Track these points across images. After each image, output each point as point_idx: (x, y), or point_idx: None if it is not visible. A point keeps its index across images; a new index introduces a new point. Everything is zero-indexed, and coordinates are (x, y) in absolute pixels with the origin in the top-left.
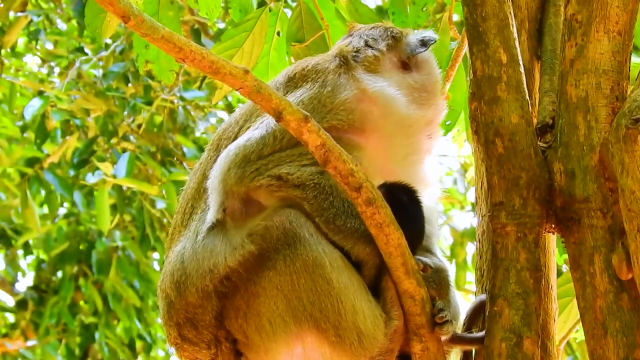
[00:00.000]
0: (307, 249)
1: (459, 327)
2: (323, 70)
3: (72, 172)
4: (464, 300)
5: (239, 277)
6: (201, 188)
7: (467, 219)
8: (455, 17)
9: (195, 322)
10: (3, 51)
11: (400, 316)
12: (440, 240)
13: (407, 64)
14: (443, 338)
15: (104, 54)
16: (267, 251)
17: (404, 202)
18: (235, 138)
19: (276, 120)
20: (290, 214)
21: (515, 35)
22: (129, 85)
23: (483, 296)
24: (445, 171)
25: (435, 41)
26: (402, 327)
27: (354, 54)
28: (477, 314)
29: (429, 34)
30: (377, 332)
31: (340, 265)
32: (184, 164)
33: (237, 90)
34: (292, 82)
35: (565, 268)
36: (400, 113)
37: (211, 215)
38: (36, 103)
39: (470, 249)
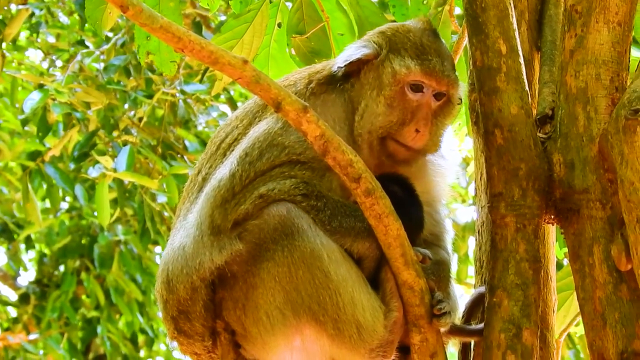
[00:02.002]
0: (304, 240)
1: (457, 319)
2: None
3: (72, 166)
4: (465, 293)
5: (237, 269)
6: (186, 193)
7: (469, 213)
8: (457, 11)
9: (188, 314)
10: (4, 44)
11: (399, 307)
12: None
13: (347, 76)
14: (442, 329)
15: (105, 47)
16: (265, 241)
17: (396, 192)
18: (219, 146)
19: (275, 111)
20: (287, 204)
21: (515, 26)
22: (130, 78)
23: (482, 289)
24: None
25: (355, 59)
26: (401, 319)
27: (315, 74)
28: (476, 307)
29: (354, 52)
30: (376, 324)
31: (338, 258)
32: (185, 157)
33: (236, 80)
34: (262, 110)
35: (566, 262)
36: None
37: (195, 231)
38: (36, 96)
39: (472, 242)
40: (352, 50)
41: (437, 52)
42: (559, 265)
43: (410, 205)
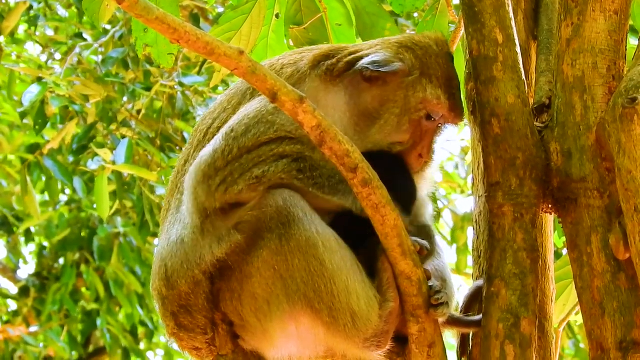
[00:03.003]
0: (300, 229)
1: (455, 306)
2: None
3: (71, 159)
4: (465, 284)
5: (233, 260)
6: (174, 184)
7: (468, 203)
8: (455, 1)
9: (189, 308)
10: (3, 37)
11: (396, 298)
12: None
13: (370, 79)
14: (440, 320)
15: (103, 39)
16: (261, 230)
17: (384, 164)
18: (206, 133)
19: (271, 101)
20: (284, 192)
21: (512, 15)
22: (129, 70)
23: (480, 282)
24: (447, 156)
25: (382, 64)
26: (397, 309)
27: (322, 59)
28: (474, 300)
29: (383, 56)
30: (371, 314)
31: (333, 246)
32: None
33: (232, 71)
34: (253, 89)
35: (564, 252)
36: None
37: (189, 219)
38: (35, 89)
39: (471, 232)
40: (383, 58)
41: (458, 86)
42: (558, 255)
43: (400, 175)
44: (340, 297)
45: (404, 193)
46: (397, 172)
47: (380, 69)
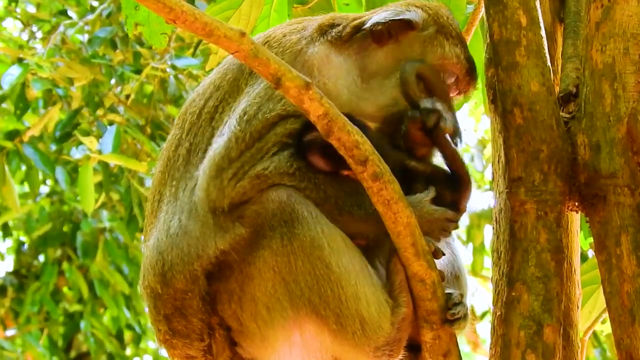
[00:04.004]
0: (304, 228)
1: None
2: (284, 47)
3: (53, 147)
4: (481, 287)
5: (233, 259)
6: (166, 172)
7: (485, 199)
8: None
9: (184, 311)
10: None
11: (409, 303)
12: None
13: (381, 38)
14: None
15: (90, 17)
16: (262, 228)
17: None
18: (200, 114)
19: (275, 87)
20: (287, 189)
21: None
22: (117, 51)
23: None
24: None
25: (400, 20)
26: (410, 315)
27: (327, 28)
28: None
29: (393, 11)
30: (382, 320)
31: (340, 247)
32: None
33: (232, 54)
34: None
35: (591, 253)
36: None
37: (198, 211)
38: (15, 71)
39: (489, 231)
40: (393, 12)
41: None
42: (584, 257)
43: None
44: (349, 302)
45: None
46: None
47: (393, 18)
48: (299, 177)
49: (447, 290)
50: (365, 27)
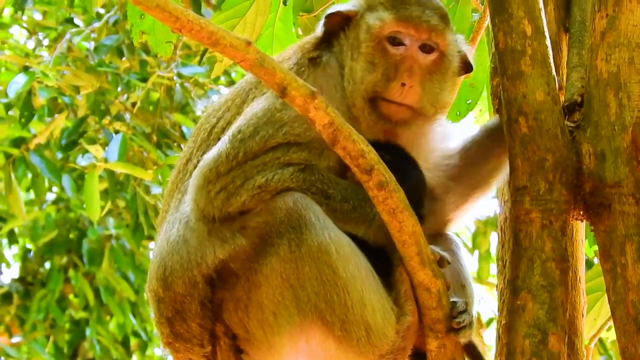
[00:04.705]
0: (312, 233)
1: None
2: None
3: (59, 155)
4: (487, 294)
5: (238, 267)
6: (174, 185)
7: (491, 207)
8: None
9: (184, 314)
10: None
11: (414, 311)
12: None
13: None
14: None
15: (96, 25)
16: (270, 236)
17: (389, 158)
18: (211, 132)
19: (280, 96)
20: (294, 195)
21: (541, 4)
22: (123, 59)
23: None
24: None
25: (332, 13)
26: (416, 324)
27: (308, 53)
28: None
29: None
30: (387, 328)
31: (347, 253)
32: (182, 146)
33: (238, 63)
34: (255, 87)
35: (596, 261)
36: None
37: (192, 220)
38: (21, 79)
39: (494, 238)
40: (333, 8)
41: (417, 1)
42: (589, 265)
43: (407, 169)
44: (354, 308)
45: (415, 185)
46: (405, 163)
47: (324, 18)
48: (306, 186)
49: (452, 299)
50: (317, 34)
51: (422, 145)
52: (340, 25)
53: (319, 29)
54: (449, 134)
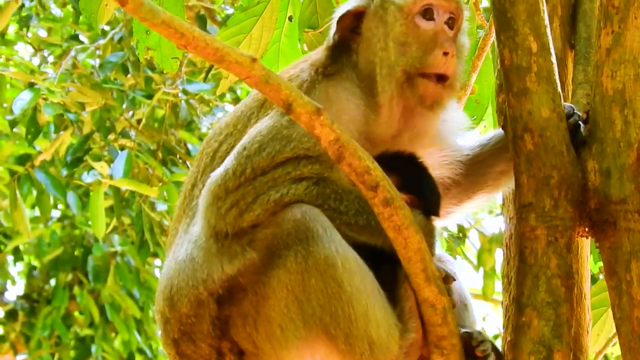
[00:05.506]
0: (319, 246)
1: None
2: None
3: (65, 171)
4: (492, 311)
5: (246, 282)
6: (182, 210)
7: (497, 223)
8: (484, 3)
9: (193, 335)
10: None
11: (418, 328)
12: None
13: (344, 45)
14: None
15: (101, 42)
16: (277, 248)
17: (401, 168)
18: (214, 156)
19: (285, 113)
20: (302, 207)
21: (547, 21)
22: (128, 76)
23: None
24: None
25: (345, 12)
26: (420, 341)
27: (319, 65)
28: None
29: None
30: (391, 343)
31: (353, 267)
32: (188, 163)
33: (243, 80)
34: (263, 107)
35: (601, 276)
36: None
37: (201, 238)
38: (26, 96)
39: (500, 255)
40: (339, 11)
41: None
42: (593, 280)
43: (422, 177)
44: (359, 322)
45: (430, 193)
46: (419, 172)
47: (336, 21)
48: (319, 201)
49: (464, 330)
50: (329, 41)
51: (433, 137)
52: (351, 26)
53: (331, 36)
54: (458, 128)
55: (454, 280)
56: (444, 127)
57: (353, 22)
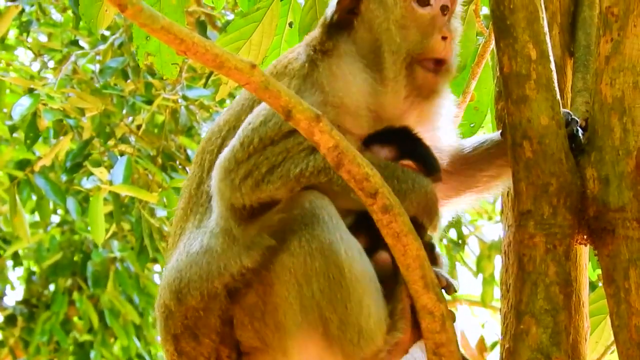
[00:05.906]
0: (324, 231)
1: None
2: (290, 73)
3: (64, 177)
4: (491, 318)
5: (249, 277)
6: (188, 209)
7: (496, 231)
8: (484, 10)
9: (197, 330)
10: None
11: (406, 330)
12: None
13: (344, 23)
14: None
15: (101, 47)
16: (283, 232)
17: (400, 139)
18: (218, 153)
19: (285, 119)
20: (311, 194)
21: (546, 29)
22: (128, 82)
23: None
24: None
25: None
26: (407, 343)
27: (317, 44)
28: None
29: None
30: (377, 335)
31: (355, 256)
32: (187, 168)
33: (243, 86)
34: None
35: (600, 284)
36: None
37: (218, 226)
38: (26, 102)
39: (498, 262)
40: None
41: None
42: (592, 287)
43: (418, 144)
44: (353, 310)
45: (429, 157)
46: (415, 140)
47: (336, 1)
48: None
49: None
50: (328, 19)
51: (430, 125)
52: (350, 6)
53: (329, 15)
54: (450, 118)
55: (455, 291)
56: (441, 114)
57: (352, 2)
